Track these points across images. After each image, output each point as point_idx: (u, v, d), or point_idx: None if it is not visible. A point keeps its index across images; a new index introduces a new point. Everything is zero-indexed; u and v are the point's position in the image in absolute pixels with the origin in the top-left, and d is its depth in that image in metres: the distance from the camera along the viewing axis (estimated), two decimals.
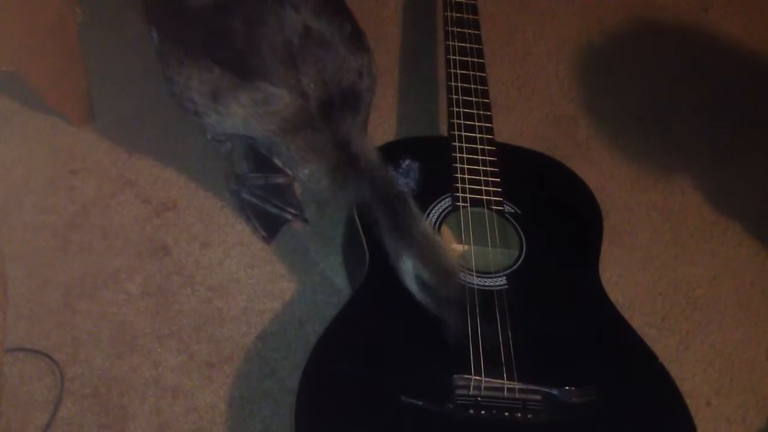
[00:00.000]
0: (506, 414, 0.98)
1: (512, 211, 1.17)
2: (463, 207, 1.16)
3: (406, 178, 1.20)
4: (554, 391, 1.00)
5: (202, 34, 1.05)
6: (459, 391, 0.99)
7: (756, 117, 1.54)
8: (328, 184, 1.07)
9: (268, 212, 1.30)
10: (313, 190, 1.10)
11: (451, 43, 1.31)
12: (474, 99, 1.25)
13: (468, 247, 1.14)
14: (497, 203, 1.16)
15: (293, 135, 1.05)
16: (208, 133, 1.18)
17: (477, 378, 1.00)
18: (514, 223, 1.16)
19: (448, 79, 1.27)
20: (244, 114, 1.05)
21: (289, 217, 1.30)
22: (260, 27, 1.02)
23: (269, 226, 1.29)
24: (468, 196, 1.17)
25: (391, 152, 1.09)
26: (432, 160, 1.13)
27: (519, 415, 0.99)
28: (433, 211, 1.16)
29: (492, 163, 1.19)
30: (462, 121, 1.22)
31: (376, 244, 1.12)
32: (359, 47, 1.08)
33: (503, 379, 1.00)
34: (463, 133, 1.21)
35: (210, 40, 1.05)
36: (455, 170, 1.18)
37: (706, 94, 1.56)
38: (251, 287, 1.24)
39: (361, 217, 1.15)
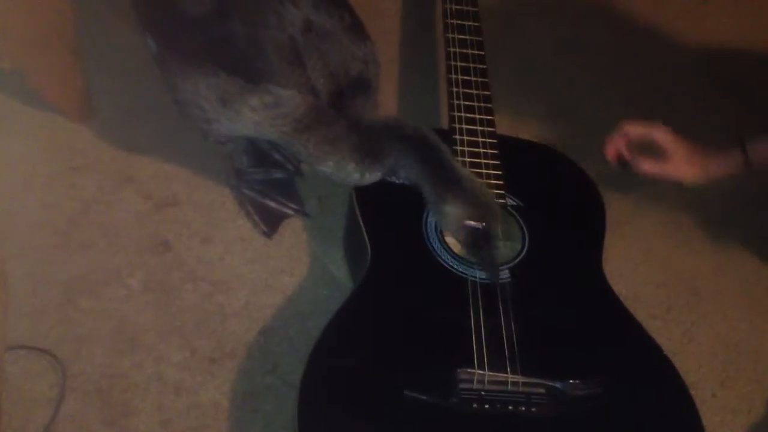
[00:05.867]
0: (510, 408, 0.98)
1: (514, 203, 1.17)
2: None
3: None
4: (558, 385, 1.00)
5: (204, 40, 1.04)
6: (462, 385, 0.99)
7: (759, 107, 1.53)
8: (355, 167, 1.05)
9: (269, 207, 1.29)
10: (341, 179, 1.08)
11: (451, 35, 1.30)
12: (475, 91, 1.24)
13: None
14: (499, 196, 1.16)
15: (309, 133, 1.04)
16: (210, 137, 1.18)
17: (480, 372, 0.99)
18: (517, 215, 1.16)
19: (449, 71, 1.26)
20: (255, 118, 1.05)
21: (290, 211, 1.30)
22: (262, 28, 1.02)
23: (270, 221, 1.28)
24: None
25: None
26: None
27: (523, 408, 0.98)
28: None
29: (493, 156, 1.18)
30: (463, 114, 1.21)
31: (377, 237, 1.12)
32: (361, 36, 1.08)
33: (507, 373, 0.99)
34: (464, 126, 1.20)
35: (212, 46, 1.04)
36: None
37: (707, 86, 1.55)
38: (253, 282, 1.23)
39: (362, 209, 1.15)
